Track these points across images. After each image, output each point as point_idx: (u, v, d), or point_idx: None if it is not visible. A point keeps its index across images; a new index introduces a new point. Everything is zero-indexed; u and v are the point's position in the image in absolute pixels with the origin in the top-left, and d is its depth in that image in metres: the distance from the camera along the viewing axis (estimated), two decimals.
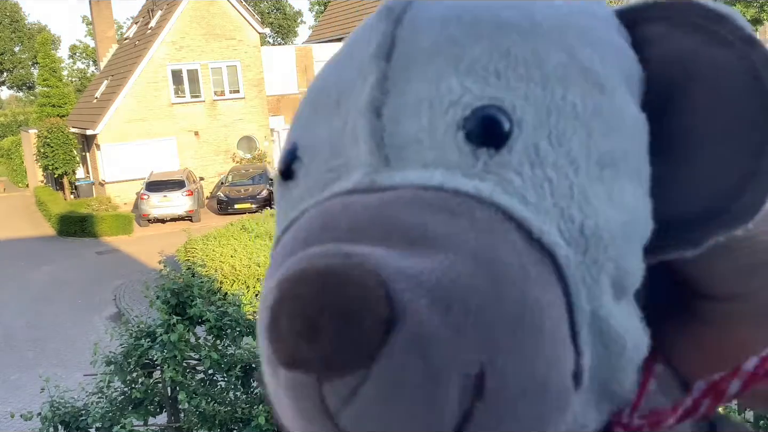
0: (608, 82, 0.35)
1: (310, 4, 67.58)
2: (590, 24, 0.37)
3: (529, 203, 0.33)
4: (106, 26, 31.14)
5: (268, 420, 5.24)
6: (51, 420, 5.29)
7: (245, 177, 24.15)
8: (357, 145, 0.36)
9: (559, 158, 0.33)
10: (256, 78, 27.48)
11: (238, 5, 26.88)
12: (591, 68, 0.35)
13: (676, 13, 0.37)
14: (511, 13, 0.36)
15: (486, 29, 0.35)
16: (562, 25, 0.36)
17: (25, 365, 11.25)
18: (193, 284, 5.66)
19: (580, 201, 0.33)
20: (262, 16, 53.83)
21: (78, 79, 56.69)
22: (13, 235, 22.29)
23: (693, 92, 0.36)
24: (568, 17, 0.37)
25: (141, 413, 5.48)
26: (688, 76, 0.36)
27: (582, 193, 0.33)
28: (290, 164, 0.40)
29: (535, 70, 0.34)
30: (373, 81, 0.36)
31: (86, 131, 25.36)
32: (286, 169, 0.41)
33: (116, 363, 5.51)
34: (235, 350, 5.73)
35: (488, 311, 0.30)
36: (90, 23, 44.28)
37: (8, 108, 59.01)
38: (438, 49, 0.35)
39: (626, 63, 0.37)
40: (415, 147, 0.35)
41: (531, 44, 0.35)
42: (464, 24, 0.36)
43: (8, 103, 67.13)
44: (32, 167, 29.89)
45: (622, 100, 0.36)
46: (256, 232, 15.26)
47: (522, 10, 0.36)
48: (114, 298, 14.88)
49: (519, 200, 0.33)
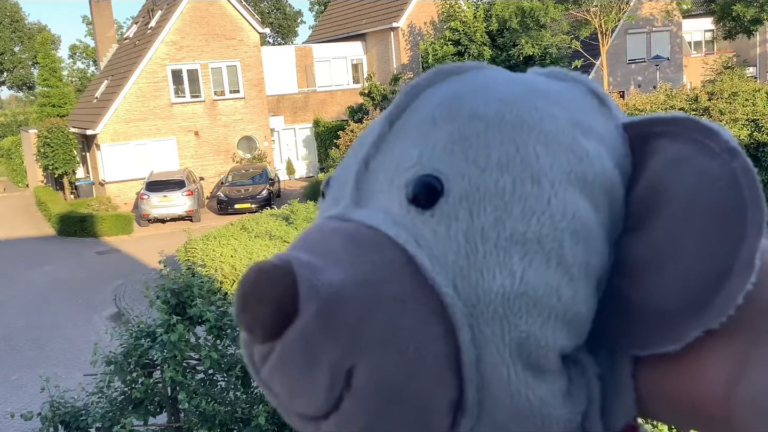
0: (545, 177, 0.42)
1: (310, 4, 67.62)
2: (552, 129, 0.43)
3: (433, 257, 0.41)
4: (106, 26, 31.14)
5: (268, 420, 5.24)
6: (51, 420, 5.29)
7: (245, 177, 24.15)
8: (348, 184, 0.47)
9: (472, 228, 0.41)
10: (256, 78, 27.48)
11: (238, 5, 26.87)
12: (532, 163, 0.42)
13: (676, 127, 0.44)
14: (489, 107, 0.44)
15: (460, 117, 0.44)
16: (525, 124, 0.43)
17: (25, 365, 11.25)
18: (193, 284, 5.66)
19: (480, 265, 0.41)
20: (262, 16, 53.83)
21: (78, 79, 56.70)
22: (13, 235, 22.30)
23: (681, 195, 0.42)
24: (534, 119, 0.43)
25: (141, 413, 5.48)
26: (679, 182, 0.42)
27: (484, 260, 0.41)
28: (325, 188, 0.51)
29: (483, 156, 0.42)
30: (373, 139, 0.46)
31: (86, 131, 25.36)
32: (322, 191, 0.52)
33: (116, 363, 5.50)
34: (235, 350, 5.73)
35: (360, 326, 0.39)
36: (90, 23, 44.28)
37: (8, 108, 59.06)
38: (421, 124, 0.45)
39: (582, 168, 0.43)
40: (377, 195, 0.45)
41: (490, 135, 0.43)
42: (446, 108, 0.45)
43: (8, 103, 67.14)
44: (32, 167, 29.88)
45: (558, 195, 0.42)
46: (256, 232, 15.25)
47: (499, 106, 0.44)
48: (114, 298, 14.88)
49: (426, 252, 0.41)
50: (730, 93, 17.04)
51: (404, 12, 29.98)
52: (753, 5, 26.56)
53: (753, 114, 16.59)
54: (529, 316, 0.41)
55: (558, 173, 0.42)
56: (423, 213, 0.42)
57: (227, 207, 22.89)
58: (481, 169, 0.42)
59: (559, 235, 0.41)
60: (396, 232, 0.42)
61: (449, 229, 0.42)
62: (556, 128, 0.44)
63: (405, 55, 30.26)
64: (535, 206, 0.41)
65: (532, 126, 0.43)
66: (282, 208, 16.99)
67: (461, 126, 0.44)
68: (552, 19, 25.16)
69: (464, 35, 27.25)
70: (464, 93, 0.46)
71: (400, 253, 0.42)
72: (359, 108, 26.80)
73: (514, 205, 0.41)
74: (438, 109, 0.45)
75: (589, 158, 0.43)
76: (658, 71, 29.27)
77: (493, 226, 0.41)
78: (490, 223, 0.41)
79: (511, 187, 0.41)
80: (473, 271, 0.41)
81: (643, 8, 29.55)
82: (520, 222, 0.41)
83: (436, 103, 0.45)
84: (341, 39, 32.68)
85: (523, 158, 0.42)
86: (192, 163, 26.07)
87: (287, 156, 29.98)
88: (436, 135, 0.44)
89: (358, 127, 19.16)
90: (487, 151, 0.42)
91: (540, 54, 26.08)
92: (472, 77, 0.48)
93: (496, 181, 0.42)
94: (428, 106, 0.46)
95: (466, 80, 0.47)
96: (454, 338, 0.40)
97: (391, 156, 0.45)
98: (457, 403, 0.41)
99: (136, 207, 23.49)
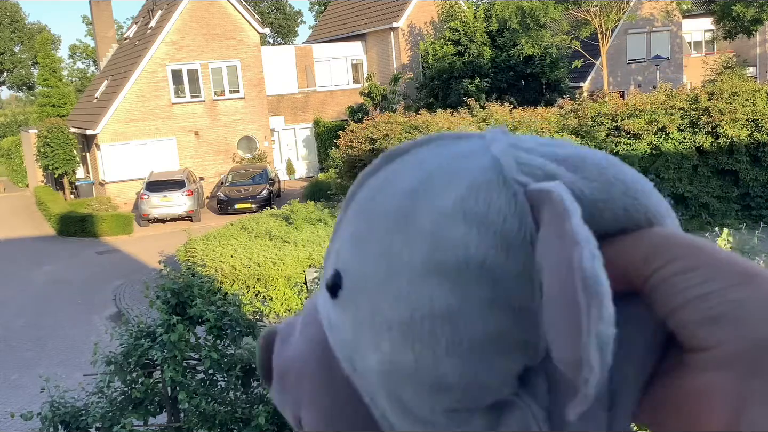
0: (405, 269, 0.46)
1: (310, 4, 67.60)
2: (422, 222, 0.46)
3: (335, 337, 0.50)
4: (106, 26, 31.14)
5: (268, 420, 5.24)
6: (51, 420, 5.29)
7: (245, 177, 24.15)
8: None
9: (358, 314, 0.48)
10: (256, 78, 27.48)
11: (238, 5, 26.87)
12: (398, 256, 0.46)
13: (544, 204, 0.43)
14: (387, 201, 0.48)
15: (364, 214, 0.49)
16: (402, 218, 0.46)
17: (25, 365, 11.26)
18: (193, 284, 5.66)
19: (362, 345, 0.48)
20: (262, 16, 53.82)
21: (78, 79, 56.70)
22: (13, 235, 22.30)
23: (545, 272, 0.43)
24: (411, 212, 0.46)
25: (141, 413, 5.48)
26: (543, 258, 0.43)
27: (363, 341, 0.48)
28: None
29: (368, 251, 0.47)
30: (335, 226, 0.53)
31: (86, 131, 25.36)
32: None
33: (116, 363, 5.50)
34: (235, 350, 5.73)
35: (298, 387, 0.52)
36: (90, 23, 44.29)
37: (8, 108, 59.05)
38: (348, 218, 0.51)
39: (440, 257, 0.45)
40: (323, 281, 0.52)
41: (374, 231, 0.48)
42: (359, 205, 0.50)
43: (8, 103, 67.13)
44: (32, 167, 29.89)
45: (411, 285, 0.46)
46: (256, 232, 15.25)
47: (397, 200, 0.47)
48: (114, 298, 14.88)
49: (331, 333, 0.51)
50: (730, 93, 17.03)
51: (404, 12, 29.98)
52: (753, 5, 26.55)
53: (753, 114, 16.58)
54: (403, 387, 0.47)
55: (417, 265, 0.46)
56: (331, 299, 0.50)
57: (227, 207, 22.89)
58: (366, 264, 0.48)
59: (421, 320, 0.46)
60: (322, 314, 0.52)
61: (344, 314, 0.49)
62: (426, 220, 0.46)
63: (405, 55, 30.26)
64: (400, 294, 0.46)
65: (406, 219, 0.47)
66: (282, 208, 17.00)
67: (360, 222, 0.49)
68: (552, 19, 25.15)
69: (464, 35, 27.23)
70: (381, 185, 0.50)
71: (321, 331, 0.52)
72: (359, 108, 26.80)
73: (385, 294, 0.47)
74: (358, 204, 0.51)
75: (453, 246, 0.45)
76: (658, 71, 29.27)
77: (371, 313, 0.47)
78: (369, 310, 0.47)
79: (385, 276, 0.47)
80: (356, 352, 0.49)
81: (643, 8, 29.56)
82: (389, 310, 0.46)
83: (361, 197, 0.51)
84: (341, 39, 32.68)
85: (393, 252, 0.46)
86: (192, 163, 26.08)
87: (287, 156, 29.99)
88: (347, 231, 0.50)
89: (358, 127, 19.12)
90: (370, 246, 0.48)
91: (540, 54, 26.08)
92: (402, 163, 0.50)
93: (375, 271, 0.47)
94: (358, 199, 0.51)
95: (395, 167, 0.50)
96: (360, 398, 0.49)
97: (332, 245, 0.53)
98: None
99: (136, 207, 23.49)
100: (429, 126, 17.76)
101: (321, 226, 15.18)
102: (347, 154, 18.69)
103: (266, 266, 13.01)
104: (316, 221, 15.64)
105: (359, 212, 0.50)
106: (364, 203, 0.50)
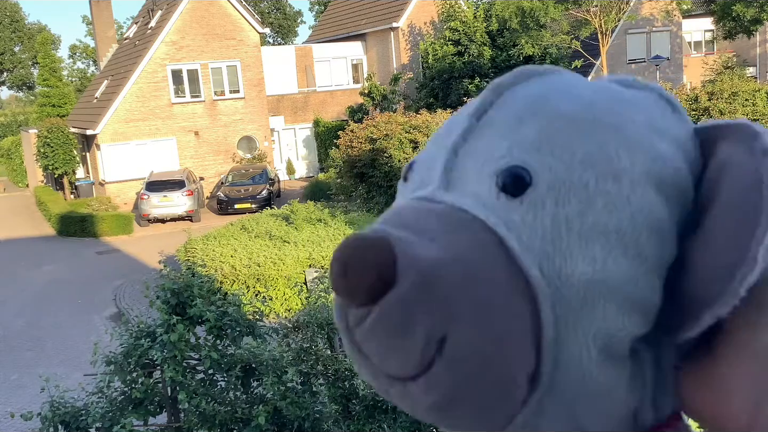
0: (625, 175, 0.46)
1: (310, 4, 67.58)
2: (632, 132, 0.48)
3: (522, 240, 0.45)
4: (106, 26, 31.12)
5: (268, 420, 5.24)
6: (51, 420, 5.28)
7: (245, 177, 24.14)
8: (435, 170, 0.51)
9: (558, 216, 0.45)
10: (256, 78, 27.47)
11: (238, 5, 26.86)
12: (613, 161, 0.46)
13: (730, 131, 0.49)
14: (572, 108, 0.48)
15: (545, 115, 0.48)
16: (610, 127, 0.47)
17: (25, 365, 11.25)
18: (193, 284, 5.65)
19: (564, 251, 0.44)
20: (262, 16, 53.82)
21: (78, 79, 56.65)
22: (13, 235, 22.29)
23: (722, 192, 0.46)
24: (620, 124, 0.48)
25: (141, 413, 5.48)
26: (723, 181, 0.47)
27: (568, 246, 0.44)
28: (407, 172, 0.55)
29: (568, 153, 0.46)
30: (462, 130, 0.50)
31: (86, 131, 25.35)
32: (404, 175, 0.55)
33: (116, 363, 5.50)
34: (235, 350, 5.73)
35: (455, 298, 0.43)
36: (90, 23, 44.27)
37: (8, 108, 59.02)
38: (507, 121, 0.49)
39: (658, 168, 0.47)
40: (465, 181, 0.48)
41: (575, 134, 0.47)
42: (530, 107, 0.49)
43: (8, 103, 67.11)
44: (32, 167, 29.87)
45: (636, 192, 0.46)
46: (256, 232, 15.25)
47: (583, 107, 0.48)
48: (114, 298, 14.87)
49: (515, 235, 0.45)
50: (730, 93, 17.03)
51: (404, 12, 29.96)
52: (753, 5, 26.52)
53: (753, 114, 16.58)
54: (607, 302, 0.44)
55: (637, 173, 0.46)
56: (512, 200, 0.46)
57: (227, 207, 22.89)
58: (566, 164, 0.46)
59: (638, 229, 0.45)
60: (486, 216, 0.46)
61: (536, 216, 0.45)
62: (635, 131, 0.48)
63: (405, 55, 30.25)
64: (616, 201, 0.45)
65: (613, 128, 0.47)
66: (282, 208, 16.99)
67: (546, 124, 0.47)
68: (552, 19, 25.13)
69: (464, 35, 27.22)
70: (548, 93, 0.50)
71: (491, 236, 0.45)
72: (359, 108, 26.79)
73: (596, 199, 0.45)
74: (524, 107, 0.49)
75: (664, 160, 0.47)
76: (658, 71, 29.25)
77: (577, 216, 0.45)
78: (575, 213, 0.45)
79: (594, 182, 0.45)
80: (557, 256, 0.45)
81: (643, 8, 29.53)
82: (602, 215, 0.45)
83: (521, 101, 0.50)
84: (341, 39, 32.67)
85: (605, 157, 0.46)
86: (192, 163, 26.07)
87: (287, 156, 29.97)
88: (523, 131, 0.48)
89: (358, 127, 19.12)
90: (571, 149, 0.46)
91: (540, 54, 26.06)
92: (553, 80, 0.52)
93: (580, 176, 0.45)
94: (514, 104, 0.50)
95: (547, 82, 0.51)
96: (537, 317, 0.44)
97: (479, 146, 0.49)
98: (532, 376, 0.44)
99: (136, 207, 23.48)
100: (429, 126, 17.76)
101: (321, 226, 15.17)
102: (347, 154, 18.69)
103: (266, 266, 13.00)
104: (316, 221, 15.62)
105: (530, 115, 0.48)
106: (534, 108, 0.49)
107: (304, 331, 6.80)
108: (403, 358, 0.44)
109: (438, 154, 0.51)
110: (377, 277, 0.43)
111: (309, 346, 6.45)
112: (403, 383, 0.45)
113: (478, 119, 0.50)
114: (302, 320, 6.93)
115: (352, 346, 0.46)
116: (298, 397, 5.45)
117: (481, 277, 0.44)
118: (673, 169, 0.48)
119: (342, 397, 6.18)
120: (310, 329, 6.70)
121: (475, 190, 0.48)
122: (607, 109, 0.49)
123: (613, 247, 0.45)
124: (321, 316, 6.69)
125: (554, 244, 0.45)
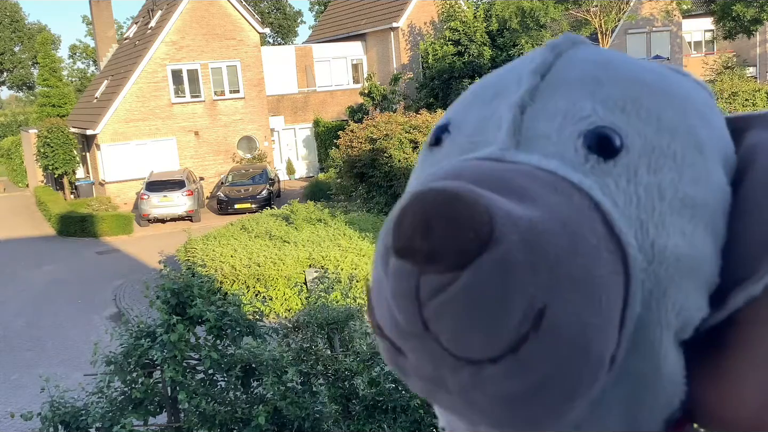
0: (706, 148, 0.45)
1: (310, 4, 67.56)
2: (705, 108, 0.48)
3: (617, 206, 0.41)
4: (106, 26, 31.12)
5: (268, 420, 5.24)
6: (51, 420, 5.28)
7: (245, 177, 24.13)
8: (499, 129, 0.46)
9: (651, 184, 0.42)
10: (256, 78, 27.46)
11: (238, 5, 26.85)
12: (696, 133, 0.45)
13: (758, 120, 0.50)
14: (646, 74, 0.47)
15: (622, 78, 0.46)
16: (683, 97, 0.47)
17: (25, 365, 11.25)
18: (193, 284, 5.65)
19: (657, 222, 0.41)
20: (262, 16, 53.80)
21: (78, 79, 56.63)
22: (13, 235, 22.28)
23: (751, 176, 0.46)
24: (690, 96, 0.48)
25: (141, 413, 5.48)
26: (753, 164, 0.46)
27: (661, 217, 0.41)
28: (440, 134, 0.49)
29: (653, 117, 0.44)
30: (527, 88, 0.46)
31: (86, 131, 25.34)
32: (435, 138, 0.50)
33: (116, 363, 5.50)
34: (235, 350, 5.72)
35: (561, 265, 0.37)
36: (90, 23, 44.26)
37: (8, 108, 59.01)
38: (583, 81, 0.46)
39: (724, 145, 0.47)
40: (542, 141, 0.44)
41: (656, 99, 0.45)
42: (608, 70, 0.47)
43: (8, 103, 67.09)
44: (32, 167, 29.86)
45: (713, 167, 0.45)
46: (256, 232, 15.25)
47: (657, 76, 0.48)
48: (114, 298, 14.87)
49: (610, 201, 0.41)
50: (730, 93, 17.05)
51: (404, 12, 29.96)
52: (753, 5, 26.52)
53: None
54: (689, 280, 0.42)
55: (713, 148, 0.46)
56: (605, 163, 0.42)
57: (227, 207, 22.88)
58: (654, 129, 0.44)
59: (715, 205, 0.44)
60: (579, 179, 0.42)
61: (630, 182, 0.42)
62: (703, 106, 0.47)
63: (405, 55, 30.24)
64: (701, 174, 0.44)
65: (686, 99, 0.47)
66: (282, 208, 16.99)
67: (627, 87, 0.45)
68: (552, 19, 25.14)
69: (464, 35, 27.22)
70: (615, 59, 0.48)
71: (586, 199, 0.41)
72: (359, 108, 26.78)
73: (685, 170, 0.43)
74: (598, 69, 0.47)
75: (726, 139, 0.47)
76: None
77: (669, 185, 0.43)
78: (667, 182, 0.43)
79: (681, 152, 0.44)
80: (651, 226, 0.41)
81: (643, 8, 29.53)
82: (690, 186, 0.43)
83: (591, 64, 0.47)
84: (341, 39, 32.66)
85: (687, 127, 0.45)
86: (192, 163, 26.06)
87: (287, 156, 29.97)
88: (603, 92, 0.45)
89: (358, 127, 19.12)
90: (656, 114, 0.44)
91: None
92: (605, 50, 0.51)
93: (668, 143, 0.44)
94: (583, 65, 0.47)
95: (602, 50, 0.50)
96: (626, 293, 0.40)
97: (553, 106, 0.45)
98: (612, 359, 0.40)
99: (136, 207, 23.48)
100: (429, 126, 17.76)
101: (321, 226, 15.17)
102: (347, 154, 18.68)
103: (266, 266, 13.00)
104: (316, 221, 15.62)
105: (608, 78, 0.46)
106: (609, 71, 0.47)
107: (304, 331, 6.80)
108: (491, 334, 0.37)
109: (491, 113, 0.47)
110: (472, 236, 0.36)
111: (309, 346, 6.46)
112: (477, 367, 0.38)
113: (543, 77, 0.47)
114: (302, 320, 6.93)
115: (415, 325, 0.38)
116: (298, 397, 5.45)
117: (586, 244, 0.38)
118: (732, 149, 0.48)
119: (342, 397, 6.18)
120: (310, 329, 6.69)
121: (557, 151, 0.43)
122: (676, 81, 0.48)
123: (698, 221, 0.43)
124: (321, 316, 6.69)
125: (648, 213, 0.42)
